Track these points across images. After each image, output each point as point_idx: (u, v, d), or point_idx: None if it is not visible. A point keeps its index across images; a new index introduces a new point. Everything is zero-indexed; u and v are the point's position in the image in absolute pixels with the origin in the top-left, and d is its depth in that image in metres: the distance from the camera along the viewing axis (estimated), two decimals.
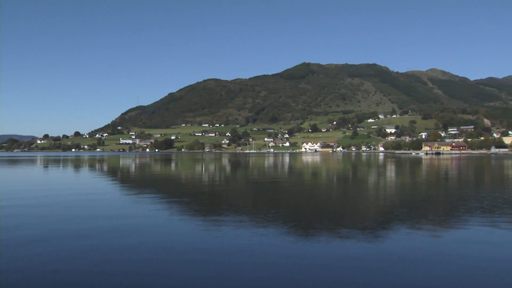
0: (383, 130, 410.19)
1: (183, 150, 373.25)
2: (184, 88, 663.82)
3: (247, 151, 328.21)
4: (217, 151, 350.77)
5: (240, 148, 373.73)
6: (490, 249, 11.72)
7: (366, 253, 11.34)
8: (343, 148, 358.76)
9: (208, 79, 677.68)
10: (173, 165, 77.63)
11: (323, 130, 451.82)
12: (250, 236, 13.24)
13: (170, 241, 12.81)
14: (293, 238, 13.02)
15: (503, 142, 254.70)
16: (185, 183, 36.30)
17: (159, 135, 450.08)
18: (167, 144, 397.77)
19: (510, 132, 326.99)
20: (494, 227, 14.72)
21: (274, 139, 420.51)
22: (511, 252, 11.44)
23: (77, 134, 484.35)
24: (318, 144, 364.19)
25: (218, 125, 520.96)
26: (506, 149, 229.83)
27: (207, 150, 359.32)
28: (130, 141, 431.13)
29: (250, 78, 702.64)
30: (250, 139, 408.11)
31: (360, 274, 9.56)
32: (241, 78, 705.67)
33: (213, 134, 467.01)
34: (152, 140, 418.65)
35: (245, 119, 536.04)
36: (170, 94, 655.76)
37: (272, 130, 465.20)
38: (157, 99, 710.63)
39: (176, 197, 24.54)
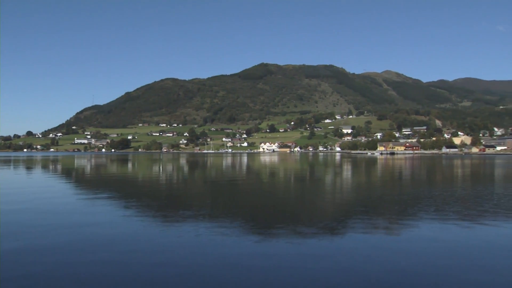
0: (339, 130, 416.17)
1: (140, 150, 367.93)
2: (142, 87, 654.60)
3: (205, 151, 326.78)
4: (175, 151, 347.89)
5: (198, 148, 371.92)
6: (443, 246, 12.08)
7: (325, 250, 11.49)
8: (300, 148, 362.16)
9: (165, 79, 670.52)
10: (130, 165, 76.41)
11: (281, 130, 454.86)
12: (210, 236, 13.17)
13: (127, 243, 12.59)
14: (253, 237, 13.04)
15: (453, 142, 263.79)
16: (143, 184, 35.80)
17: (115, 135, 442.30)
18: (124, 144, 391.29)
19: (459, 133, 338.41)
20: (445, 224, 15.18)
21: (232, 139, 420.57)
22: (463, 249, 11.83)
23: (29, 133, 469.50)
24: (276, 144, 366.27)
25: (176, 125, 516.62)
26: (456, 149, 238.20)
27: (165, 150, 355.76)
28: (86, 141, 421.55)
29: (208, 78, 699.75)
30: (208, 139, 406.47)
31: (320, 271, 9.67)
32: (199, 78, 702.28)
33: (171, 134, 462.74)
34: (108, 140, 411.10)
35: (203, 119, 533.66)
36: (127, 93, 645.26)
37: (230, 130, 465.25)
38: (114, 98, 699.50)
39: (133, 198, 24.14)
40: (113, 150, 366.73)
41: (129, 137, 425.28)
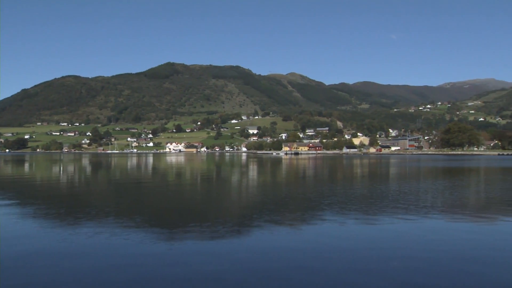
0: (246, 131, 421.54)
1: (38, 150, 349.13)
2: (40, 84, 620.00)
3: (109, 151, 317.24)
4: (76, 151, 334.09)
5: (101, 148, 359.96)
6: (346, 242, 12.63)
7: (232, 249, 11.56)
8: (207, 148, 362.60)
9: (67, 76, 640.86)
10: (26, 166, 72.07)
11: (187, 131, 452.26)
12: (113, 238, 12.79)
13: (24, 249, 11.91)
14: (159, 238, 12.83)
15: (353, 143, 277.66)
16: (41, 186, 33.89)
17: (10, 134, 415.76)
18: (20, 143, 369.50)
19: (359, 133, 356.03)
20: (347, 220, 15.88)
21: (137, 139, 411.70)
22: (362, 244, 12.46)
23: None
24: (183, 144, 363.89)
25: (78, 124, 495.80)
26: (355, 149, 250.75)
27: (66, 150, 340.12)
28: None
29: (113, 76, 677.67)
30: (113, 139, 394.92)
31: (227, 269, 9.73)
32: (103, 76, 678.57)
33: (73, 134, 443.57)
34: (2, 140, 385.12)
35: (107, 118, 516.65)
36: (24, 90, 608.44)
37: (136, 130, 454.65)
38: (9, 95, 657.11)
39: (30, 201, 22.81)
40: (7, 150, 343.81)
41: (26, 137, 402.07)
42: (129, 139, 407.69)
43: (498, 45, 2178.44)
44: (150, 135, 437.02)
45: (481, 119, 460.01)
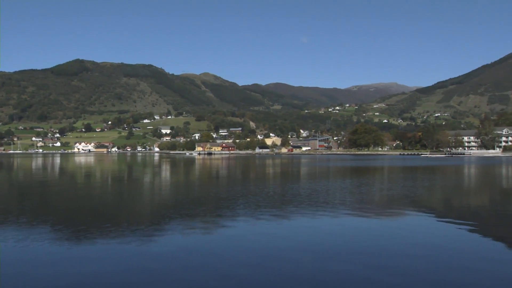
0: (158, 130, 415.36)
1: None
2: None
3: (12, 151, 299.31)
4: None
5: (2, 148, 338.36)
6: (255, 240, 12.76)
7: (141, 253, 11.26)
8: (118, 148, 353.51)
9: None
10: None
11: (97, 130, 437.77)
12: (14, 242, 12.03)
13: None
14: (64, 241, 12.23)
15: (265, 143, 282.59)
16: None
17: None
18: None
19: (271, 134, 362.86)
20: (259, 221, 16.06)
21: (43, 139, 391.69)
22: (274, 243, 12.64)
23: None
24: (92, 144, 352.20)
25: None
26: (268, 150, 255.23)
27: None
28: None
29: (15, 72, 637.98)
30: (15, 139, 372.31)
31: (136, 274, 9.46)
32: (4, 71, 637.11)
33: None
34: None
35: (8, 116, 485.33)
36: None
37: (42, 129, 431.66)
38: None
39: None
40: None
41: None
42: (34, 138, 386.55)
43: (400, 52, 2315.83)
44: (58, 135, 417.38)
45: (385, 120, 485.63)
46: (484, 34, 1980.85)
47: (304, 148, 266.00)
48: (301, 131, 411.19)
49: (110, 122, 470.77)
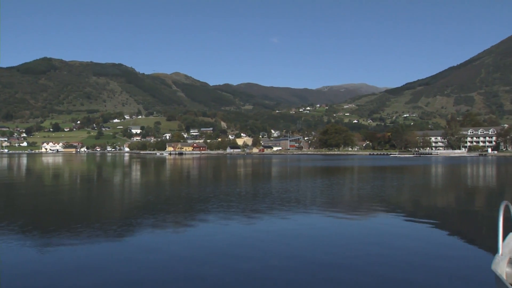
0: (128, 130, 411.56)
1: None
2: None
3: None
4: None
5: None
6: (223, 239, 12.84)
7: (109, 252, 11.19)
8: (87, 148, 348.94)
9: None
10: None
11: (66, 130, 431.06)
12: None
13: None
14: (32, 243, 12.06)
15: (236, 143, 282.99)
16: None
17: None
18: None
19: (242, 134, 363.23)
20: (230, 221, 16.13)
21: (9, 139, 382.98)
22: (242, 241, 12.74)
23: None
24: (61, 144, 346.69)
25: None
26: (239, 150, 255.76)
27: None
28: None
29: None
30: None
31: (103, 274, 9.42)
32: None
33: None
34: None
35: None
36: None
37: (7, 129, 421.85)
38: None
39: None
40: None
41: None
42: None
43: (370, 53, 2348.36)
44: (24, 135, 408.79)
45: (355, 121, 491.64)
46: (451, 36, 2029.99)
47: (275, 148, 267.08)
48: (272, 131, 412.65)
49: (79, 122, 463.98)
